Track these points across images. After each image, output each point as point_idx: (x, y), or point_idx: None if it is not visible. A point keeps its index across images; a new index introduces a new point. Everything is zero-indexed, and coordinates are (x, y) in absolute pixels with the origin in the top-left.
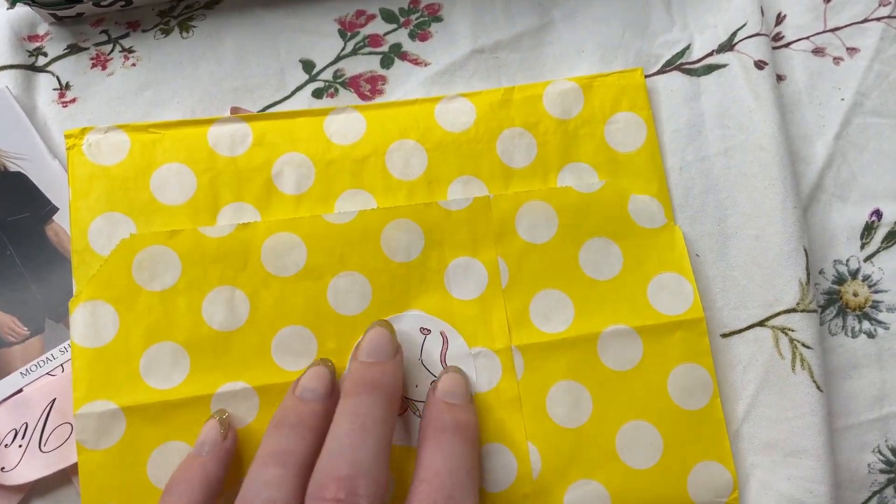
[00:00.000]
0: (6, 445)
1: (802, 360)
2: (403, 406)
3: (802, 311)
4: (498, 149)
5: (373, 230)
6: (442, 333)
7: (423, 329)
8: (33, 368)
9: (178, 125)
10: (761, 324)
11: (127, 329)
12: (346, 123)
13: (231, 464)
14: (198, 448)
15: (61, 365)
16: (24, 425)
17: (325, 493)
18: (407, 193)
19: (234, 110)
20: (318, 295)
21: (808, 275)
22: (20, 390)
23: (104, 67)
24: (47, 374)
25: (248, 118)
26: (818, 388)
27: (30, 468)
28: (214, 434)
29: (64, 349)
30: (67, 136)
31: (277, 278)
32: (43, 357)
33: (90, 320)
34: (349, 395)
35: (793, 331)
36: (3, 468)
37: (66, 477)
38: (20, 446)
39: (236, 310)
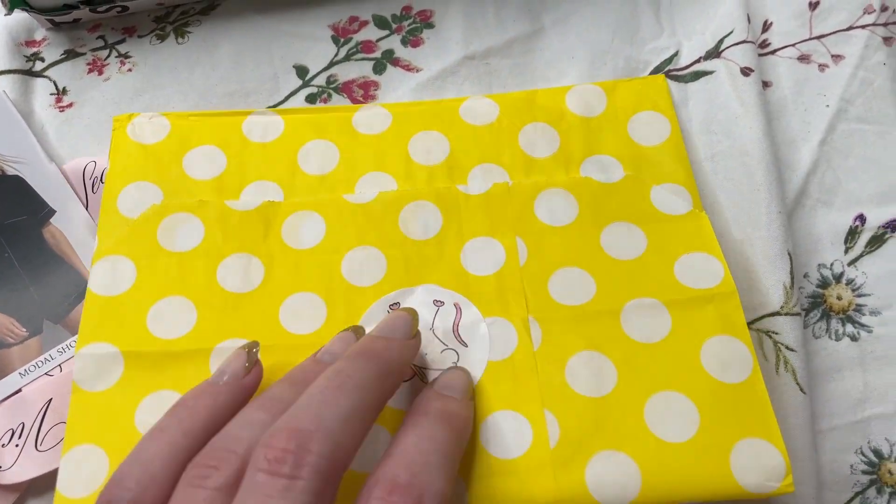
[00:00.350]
0: (3, 445)
1: (786, 362)
2: (410, 373)
3: (786, 314)
4: (520, 140)
5: (392, 210)
6: (456, 304)
7: (437, 301)
8: (32, 369)
9: (216, 115)
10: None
11: (141, 282)
12: (374, 116)
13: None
14: (216, 376)
15: (59, 365)
16: (21, 425)
17: (274, 440)
18: (427, 178)
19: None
20: (333, 266)
21: (793, 278)
22: (18, 391)
23: (100, 72)
24: (45, 374)
25: (282, 112)
26: (801, 390)
27: (26, 467)
28: (238, 365)
29: (62, 350)
30: (115, 121)
31: (294, 250)
32: (41, 358)
33: (109, 271)
34: (342, 359)
35: (776, 333)
36: (0, 467)
37: None
38: (17, 446)
39: (251, 275)
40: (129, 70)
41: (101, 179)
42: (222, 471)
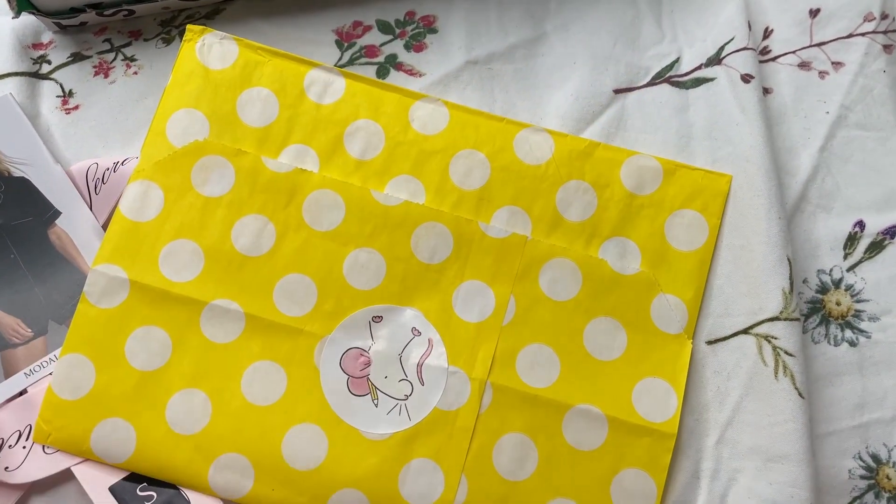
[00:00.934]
0: (10, 446)
1: (785, 367)
2: (364, 389)
3: (786, 319)
4: (558, 195)
5: (410, 222)
6: (430, 340)
7: (415, 330)
8: (37, 369)
9: (284, 56)
10: (745, 331)
11: (166, 216)
12: (431, 114)
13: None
14: None
15: None
16: (28, 427)
17: None
18: (456, 201)
19: None
20: (337, 258)
21: (792, 284)
22: (24, 391)
23: (107, 75)
24: (50, 374)
25: (346, 74)
26: (800, 394)
27: (33, 468)
28: None
29: None
30: (188, 30)
31: (309, 228)
32: (46, 358)
33: (140, 196)
34: None
35: (776, 338)
36: (6, 468)
37: (66, 475)
38: (24, 448)
39: (262, 240)
40: (135, 73)
41: (103, 181)
42: None
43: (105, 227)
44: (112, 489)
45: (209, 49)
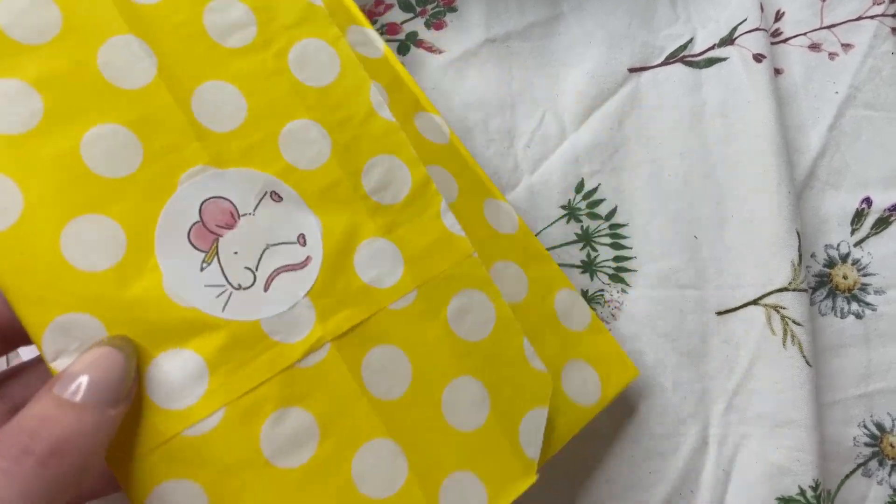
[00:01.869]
0: None
1: (793, 336)
2: (206, 245)
3: (794, 290)
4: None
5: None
6: (308, 258)
7: (301, 238)
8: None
9: None
10: (755, 302)
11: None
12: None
13: None
14: None
15: None
16: None
17: None
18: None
19: None
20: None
21: (801, 256)
22: None
23: None
24: None
25: None
26: (807, 362)
27: None
28: None
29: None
30: None
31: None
32: None
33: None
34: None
35: (784, 308)
36: None
37: None
38: None
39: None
40: None
41: None
42: None
43: None
44: None
45: None
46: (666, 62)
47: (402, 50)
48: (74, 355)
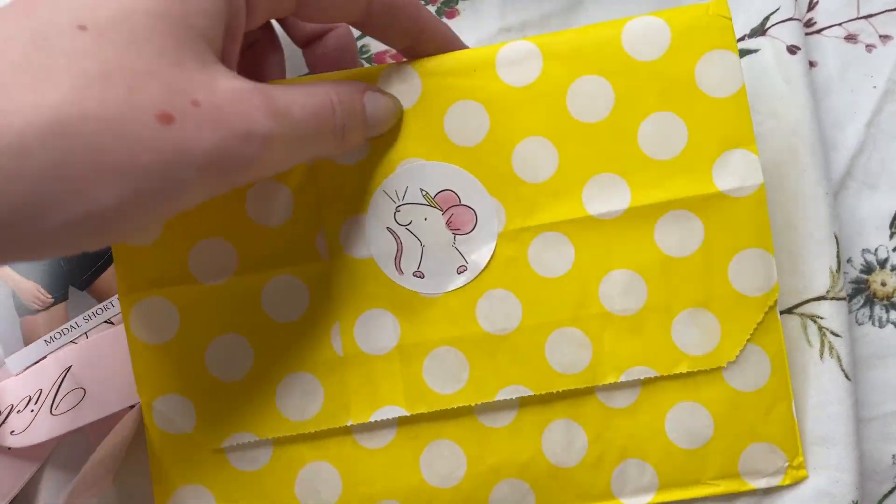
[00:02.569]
0: (18, 411)
1: (831, 348)
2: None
3: (832, 298)
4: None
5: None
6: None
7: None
8: (57, 336)
9: None
10: (789, 311)
11: None
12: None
13: None
14: None
15: (85, 333)
16: (39, 391)
17: None
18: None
19: None
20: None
21: (839, 262)
22: (44, 358)
23: None
24: (71, 342)
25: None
26: (846, 376)
27: (38, 431)
28: None
29: (88, 317)
30: None
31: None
32: (67, 325)
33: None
34: None
35: (822, 318)
36: (12, 431)
37: (83, 442)
38: (31, 411)
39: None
40: None
41: None
42: None
43: None
44: None
45: None
46: None
47: None
48: None
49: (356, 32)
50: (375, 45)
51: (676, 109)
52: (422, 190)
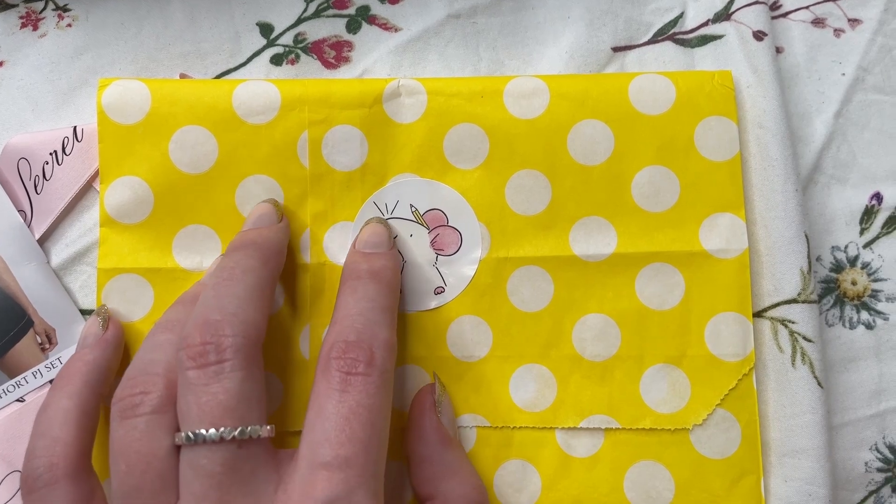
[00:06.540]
0: None
1: (803, 354)
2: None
3: (804, 301)
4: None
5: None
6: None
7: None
8: None
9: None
10: (759, 314)
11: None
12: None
13: (121, 352)
14: (80, 343)
15: None
16: None
17: (190, 340)
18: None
19: (183, 76)
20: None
21: (810, 263)
22: None
23: (35, 27)
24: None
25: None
26: (819, 384)
27: None
28: (95, 328)
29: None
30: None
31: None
32: None
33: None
34: (222, 257)
35: (793, 322)
36: None
37: None
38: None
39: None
40: (69, 25)
41: (44, 177)
42: (152, 393)
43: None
44: None
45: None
46: (654, 40)
47: (352, 27)
48: None
49: (293, 18)
50: (313, 34)
51: (672, 165)
52: (412, 206)
